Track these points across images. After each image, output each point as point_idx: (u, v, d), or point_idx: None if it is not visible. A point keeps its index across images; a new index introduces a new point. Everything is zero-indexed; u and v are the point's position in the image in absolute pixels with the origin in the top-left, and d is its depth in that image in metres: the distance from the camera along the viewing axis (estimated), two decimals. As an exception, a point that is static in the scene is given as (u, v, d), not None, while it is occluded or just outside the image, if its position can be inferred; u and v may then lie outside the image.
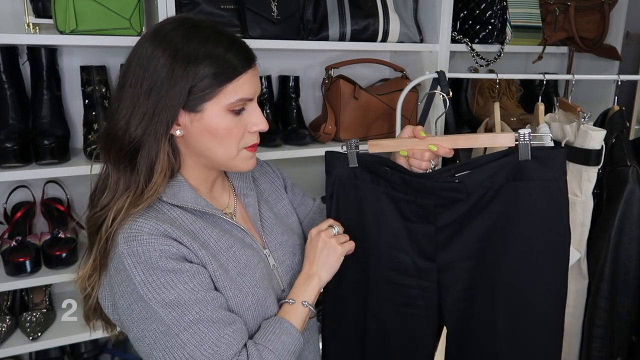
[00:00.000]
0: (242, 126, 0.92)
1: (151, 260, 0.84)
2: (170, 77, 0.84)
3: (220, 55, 0.86)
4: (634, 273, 1.37)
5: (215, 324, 0.85)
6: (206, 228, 0.94)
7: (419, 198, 1.05)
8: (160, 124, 0.86)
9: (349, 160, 1.10)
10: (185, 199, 0.93)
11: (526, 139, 0.96)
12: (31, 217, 1.67)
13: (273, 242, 1.06)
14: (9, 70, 1.48)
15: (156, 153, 0.88)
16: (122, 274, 0.85)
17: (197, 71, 0.85)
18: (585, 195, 1.37)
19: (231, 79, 0.87)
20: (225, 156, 0.93)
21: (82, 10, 1.37)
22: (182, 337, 0.83)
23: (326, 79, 1.82)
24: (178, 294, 0.84)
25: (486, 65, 1.88)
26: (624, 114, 1.44)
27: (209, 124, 0.89)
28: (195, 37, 0.87)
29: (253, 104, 0.93)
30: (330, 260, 1.01)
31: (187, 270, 0.86)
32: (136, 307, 0.85)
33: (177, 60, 0.85)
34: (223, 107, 0.88)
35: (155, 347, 0.84)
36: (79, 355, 1.76)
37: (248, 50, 0.92)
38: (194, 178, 0.97)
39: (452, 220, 1.04)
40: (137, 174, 0.88)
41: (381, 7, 1.74)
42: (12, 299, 1.63)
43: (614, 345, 1.42)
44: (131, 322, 0.86)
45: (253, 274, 0.95)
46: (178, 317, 0.83)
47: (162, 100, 0.85)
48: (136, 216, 0.87)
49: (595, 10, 2.03)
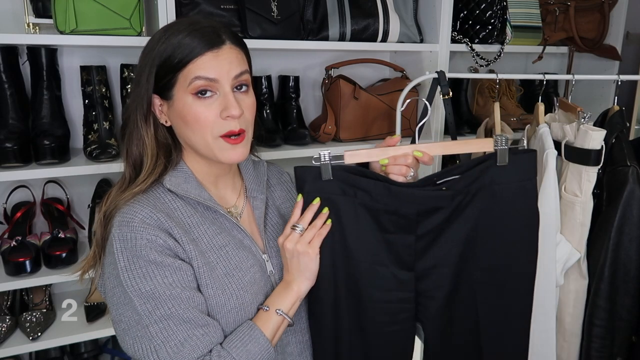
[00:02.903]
0: (211, 112, 0.90)
1: (136, 248, 0.86)
2: (142, 67, 0.92)
3: (179, 41, 0.89)
4: (634, 273, 1.37)
5: (186, 324, 0.86)
6: (203, 224, 0.94)
7: (402, 208, 1.02)
8: (135, 111, 0.93)
9: (322, 174, 1.01)
10: (188, 189, 0.94)
11: (504, 144, 1.00)
12: (31, 217, 1.67)
13: (275, 248, 1.04)
14: (9, 70, 1.47)
15: (138, 140, 0.94)
16: (111, 257, 0.88)
17: (159, 56, 0.90)
18: (585, 195, 1.37)
19: (188, 60, 0.88)
20: (202, 144, 0.93)
21: (82, 10, 1.37)
22: (151, 329, 0.84)
23: (326, 79, 1.82)
24: (154, 286, 0.85)
25: (486, 65, 1.88)
26: (624, 114, 1.44)
27: (179, 109, 0.91)
28: (169, 29, 0.92)
29: (223, 88, 0.90)
30: (305, 266, 0.97)
31: (169, 265, 0.87)
32: (117, 291, 0.87)
33: (148, 51, 0.92)
34: (187, 90, 0.90)
35: (128, 333, 0.86)
36: (79, 355, 1.76)
37: (213, 34, 0.90)
38: (196, 170, 0.98)
39: (432, 227, 1.04)
40: (130, 157, 0.95)
41: (381, 7, 1.74)
42: (12, 299, 1.63)
43: (614, 345, 1.42)
44: (112, 305, 0.89)
45: (242, 277, 0.95)
46: (151, 309, 0.85)
47: (136, 89, 0.93)
48: (134, 201, 0.90)
49: (595, 10, 2.03)
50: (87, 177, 1.53)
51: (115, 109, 1.65)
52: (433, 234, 1.04)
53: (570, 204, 1.39)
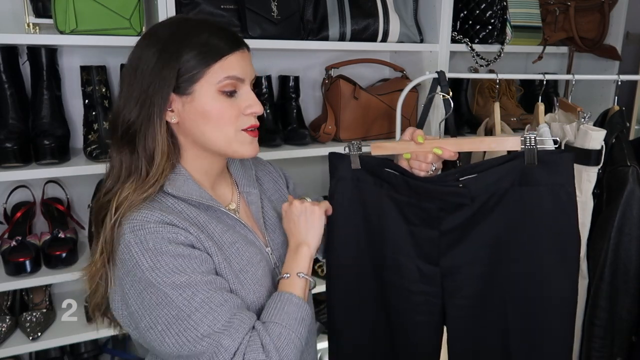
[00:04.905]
0: (235, 108, 0.93)
1: (159, 246, 0.85)
2: (159, 65, 0.89)
3: (204, 40, 0.90)
4: (634, 273, 1.37)
5: (226, 304, 0.86)
6: (211, 222, 0.94)
7: (422, 202, 1.03)
8: (153, 106, 0.89)
9: (351, 162, 1.08)
10: (189, 191, 0.93)
11: (532, 143, 0.94)
12: (31, 217, 1.67)
13: (275, 241, 1.06)
14: (9, 70, 1.47)
15: (153, 137, 0.90)
16: (128, 264, 0.85)
17: (183, 53, 0.89)
18: (585, 195, 1.37)
19: (216, 59, 0.90)
20: (223, 139, 0.93)
21: (82, 10, 1.37)
22: (194, 317, 0.83)
23: (326, 79, 1.82)
24: (189, 276, 0.84)
25: (486, 65, 1.88)
26: (624, 114, 1.44)
27: (201, 105, 0.91)
28: (183, 27, 0.91)
29: (245, 86, 0.94)
30: (312, 223, 1.01)
31: (197, 256, 0.87)
32: (146, 295, 0.84)
33: (166, 47, 0.89)
34: (213, 87, 0.90)
35: (168, 332, 0.84)
36: (79, 355, 1.76)
37: (235, 35, 0.94)
38: (195, 171, 0.97)
39: (456, 225, 1.03)
40: (137, 159, 0.91)
41: (381, 7, 1.74)
42: (12, 299, 1.63)
43: (614, 345, 1.42)
44: (143, 311, 0.85)
45: (255, 272, 0.95)
46: (189, 297, 0.83)
47: (152, 84, 0.89)
48: (140, 207, 0.88)
49: (595, 10, 2.03)
50: (87, 177, 1.53)
51: (115, 109, 1.65)
52: (459, 232, 1.04)
53: (570, 204, 1.39)
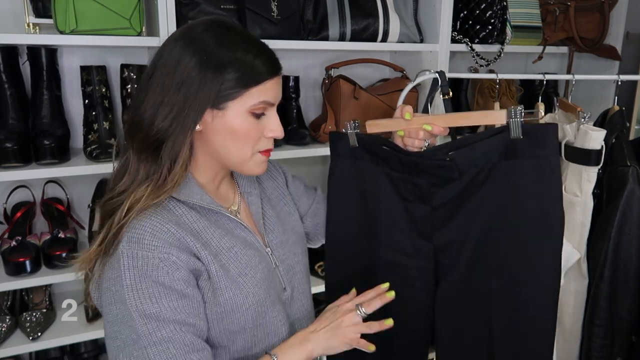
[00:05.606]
0: (259, 130, 0.94)
1: (146, 268, 0.84)
2: (201, 77, 0.88)
3: (249, 61, 0.90)
4: (634, 273, 1.37)
5: (185, 347, 0.85)
6: (209, 227, 0.94)
7: (414, 177, 1.06)
8: (188, 119, 0.89)
9: (350, 140, 1.12)
10: (190, 194, 0.94)
11: (517, 115, 0.96)
12: (31, 217, 1.68)
13: (274, 240, 1.06)
14: (9, 70, 1.48)
15: (180, 146, 0.90)
16: (113, 272, 0.86)
17: (227, 74, 0.88)
18: (585, 195, 1.37)
19: (257, 83, 0.90)
20: (240, 157, 0.95)
21: (82, 10, 1.37)
22: (149, 351, 0.83)
23: (326, 79, 1.82)
24: (159, 308, 0.84)
25: (486, 65, 1.88)
26: (624, 114, 1.44)
27: (230, 122, 0.91)
28: (227, 41, 0.90)
29: (273, 110, 0.96)
30: (331, 344, 0.92)
31: (178, 290, 0.86)
32: (114, 308, 0.85)
33: (209, 61, 0.88)
34: (245, 108, 0.91)
35: (123, 351, 0.84)
36: (79, 355, 1.76)
37: (276, 60, 0.95)
38: (202, 175, 0.98)
39: (447, 200, 1.05)
40: (158, 165, 0.90)
41: (381, 7, 1.74)
42: (12, 299, 1.63)
43: (614, 345, 1.42)
44: (107, 320, 0.87)
45: (254, 275, 0.95)
46: (152, 330, 0.83)
47: (191, 97, 0.88)
48: (143, 216, 0.88)
49: (595, 10, 2.03)
50: (87, 177, 1.53)
51: (115, 109, 1.65)
52: (449, 207, 1.05)
53: (570, 204, 1.38)
